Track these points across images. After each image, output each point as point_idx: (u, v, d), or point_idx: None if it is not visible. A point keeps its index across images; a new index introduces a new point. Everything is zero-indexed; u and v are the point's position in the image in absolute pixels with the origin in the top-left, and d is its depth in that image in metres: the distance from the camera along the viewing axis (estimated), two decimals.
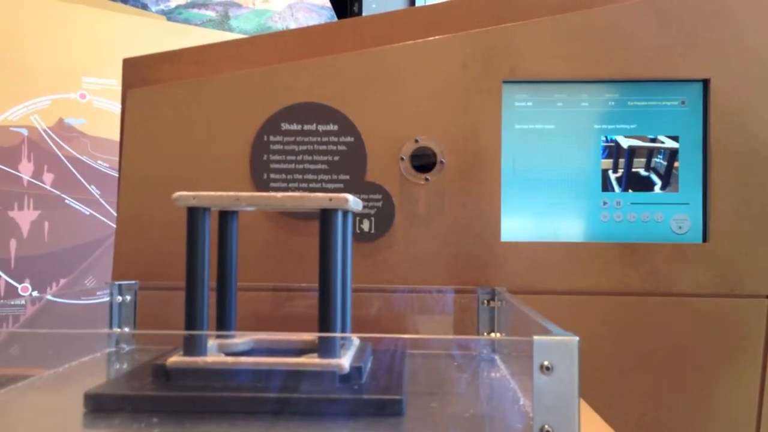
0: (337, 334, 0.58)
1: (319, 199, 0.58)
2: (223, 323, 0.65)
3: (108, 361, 0.73)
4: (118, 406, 0.52)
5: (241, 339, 0.64)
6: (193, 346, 0.57)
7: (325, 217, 0.58)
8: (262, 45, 0.91)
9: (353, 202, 0.60)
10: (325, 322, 0.58)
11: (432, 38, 0.88)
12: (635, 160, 0.88)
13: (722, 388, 0.85)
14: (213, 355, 0.58)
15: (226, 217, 0.65)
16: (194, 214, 0.59)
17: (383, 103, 0.88)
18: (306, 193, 0.59)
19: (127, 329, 0.78)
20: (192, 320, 0.58)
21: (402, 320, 0.84)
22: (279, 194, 0.59)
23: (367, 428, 0.50)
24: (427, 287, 0.85)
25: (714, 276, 0.85)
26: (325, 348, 0.57)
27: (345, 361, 0.56)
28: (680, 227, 0.87)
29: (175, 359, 0.56)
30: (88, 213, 1.97)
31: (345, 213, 0.62)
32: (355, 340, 0.66)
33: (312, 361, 0.56)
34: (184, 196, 0.58)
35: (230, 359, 0.57)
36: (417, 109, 0.87)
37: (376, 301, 0.85)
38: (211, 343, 0.61)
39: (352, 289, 0.70)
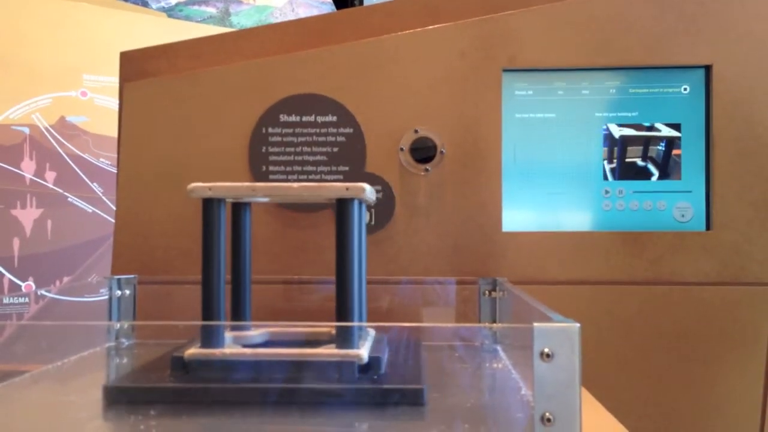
0: (354, 323, 0.58)
1: (336, 188, 0.58)
2: (238, 315, 0.65)
3: (108, 356, 0.73)
4: (137, 398, 0.52)
5: (256, 331, 0.64)
6: (210, 338, 0.57)
7: (342, 206, 0.58)
8: (259, 37, 0.91)
9: (369, 191, 0.60)
10: (343, 313, 0.58)
11: (430, 27, 0.87)
12: (630, 149, 0.87)
13: (726, 377, 0.84)
14: (230, 347, 0.57)
15: (239, 208, 0.65)
16: (210, 206, 0.58)
17: (382, 93, 0.87)
18: (322, 183, 0.59)
19: (126, 323, 0.78)
20: (209, 312, 0.58)
21: (403, 312, 0.84)
22: (295, 185, 0.59)
23: (389, 418, 0.50)
24: (428, 278, 0.85)
25: (718, 264, 0.84)
26: (344, 339, 0.56)
27: (364, 352, 0.56)
28: (683, 215, 0.86)
29: (193, 351, 0.56)
30: (90, 211, 1.97)
31: (360, 203, 0.62)
32: (371, 331, 0.65)
33: (331, 351, 0.56)
34: (200, 187, 0.58)
35: (248, 351, 0.57)
36: (416, 100, 0.87)
37: (376, 293, 0.84)
38: (228, 335, 0.61)
39: None
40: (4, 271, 1.85)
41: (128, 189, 0.88)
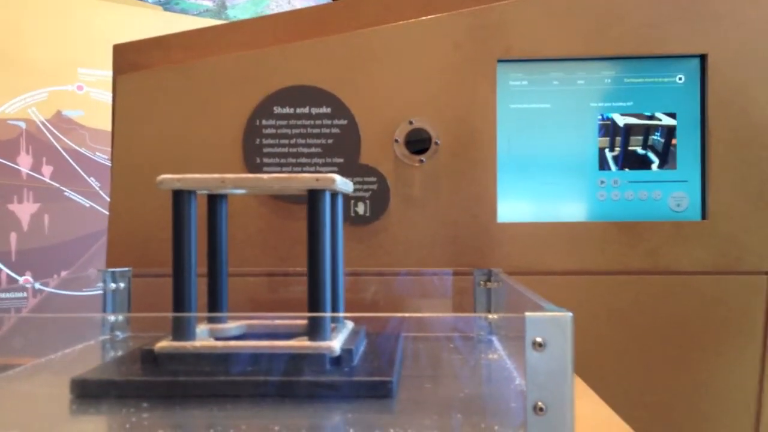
0: (327, 314, 0.57)
1: (306, 179, 0.57)
2: (215, 309, 0.64)
3: (102, 349, 0.73)
4: (104, 391, 0.52)
5: (234, 324, 0.64)
6: (181, 331, 0.56)
7: (313, 198, 0.57)
8: (252, 28, 0.90)
9: (341, 182, 0.59)
10: (314, 306, 0.57)
11: (424, 18, 0.87)
12: (632, 138, 0.87)
13: (722, 366, 0.84)
14: (202, 340, 0.57)
15: (214, 201, 0.64)
16: (180, 198, 0.58)
17: (376, 84, 0.87)
18: (292, 174, 0.58)
19: (120, 316, 0.78)
20: (180, 305, 0.57)
21: (399, 303, 0.84)
22: (265, 176, 0.58)
23: (356, 410, 0.50)
24: (423, 270, 0.85)
25: (713, 253, 0.84)
26: (315, 331, 0.56)
27: (336, 344, 0.55)
28: (679, 205, 0.86)
29: (164, 344, 0.55)
30: (87, 205, 1.97)
31: (334, 194, 0.61)
32: (349, 323, 0.65)
33: (302, 343, 0.55)
34: (168, 179, 0.57)
35: (219, 343, 0.56)
36: (411, 91, 0.86)
37: (372, 285, 0.84)
38: (203, 328, 0.61)
39: (348, 272, 0.69)
40: (1, 266, 1.85)
41: (122, 181, 0.88)
